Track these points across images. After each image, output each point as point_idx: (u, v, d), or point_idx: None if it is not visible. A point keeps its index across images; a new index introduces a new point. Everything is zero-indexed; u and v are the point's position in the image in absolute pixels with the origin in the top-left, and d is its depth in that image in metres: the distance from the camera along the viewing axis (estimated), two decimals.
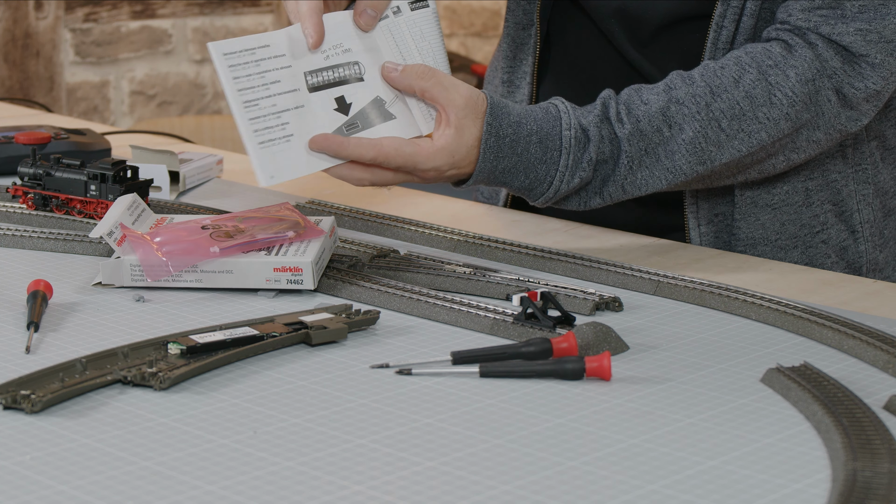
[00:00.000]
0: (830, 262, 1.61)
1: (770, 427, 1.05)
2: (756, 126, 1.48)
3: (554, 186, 1.46)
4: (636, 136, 1.47)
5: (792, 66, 1.48)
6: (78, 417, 1.04)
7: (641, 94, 1.49)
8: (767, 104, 1.48)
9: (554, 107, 1.47)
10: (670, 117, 1.47)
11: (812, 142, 1.52)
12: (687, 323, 1.29)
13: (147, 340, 1.16)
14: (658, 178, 1.48)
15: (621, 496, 0.93)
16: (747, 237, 1.59)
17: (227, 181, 1.79)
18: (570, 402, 1.09)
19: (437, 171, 1.41)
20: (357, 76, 1.41)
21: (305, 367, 1.16)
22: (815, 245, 1.60)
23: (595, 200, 1.49)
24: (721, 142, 1.48)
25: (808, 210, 1.59)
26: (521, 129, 1.44)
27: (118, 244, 1.34)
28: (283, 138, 1.37)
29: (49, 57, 3.69)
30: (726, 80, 1.48)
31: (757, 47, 1.50)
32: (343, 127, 1.40)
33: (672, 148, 1.47)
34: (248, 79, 1.38)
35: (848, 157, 1.60)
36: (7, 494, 0.91)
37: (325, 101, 1.40)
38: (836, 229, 1.61)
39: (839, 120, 1.51)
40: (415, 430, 1.03)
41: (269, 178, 1.36)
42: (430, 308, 1.28)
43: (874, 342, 1.19)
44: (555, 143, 1.45)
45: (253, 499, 0.92)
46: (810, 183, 1.59)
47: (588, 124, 1.46)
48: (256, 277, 1.33)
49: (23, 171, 1.58)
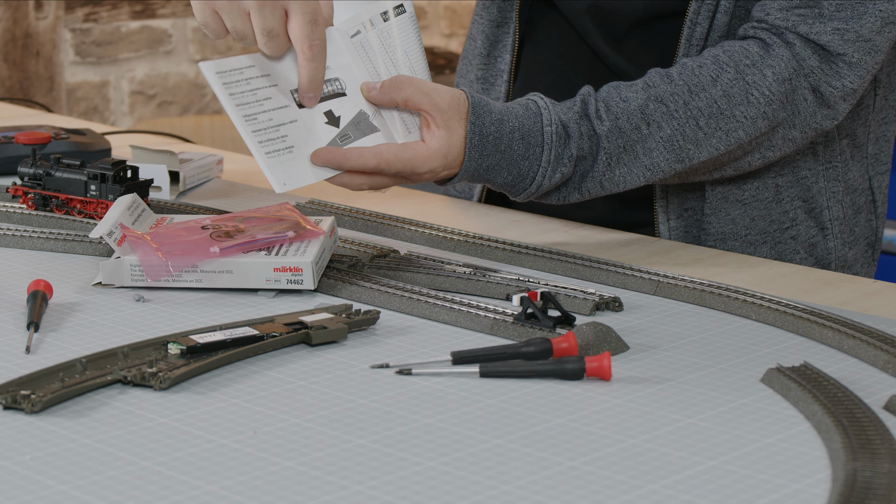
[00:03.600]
0: (799, 258, 1.62)
1: (770, 427, 1.05)
2: (734, 125, 1.49)
3: (536, 182, 1.46)
4: (615, 133, 1.47)
5: (769, 66, 1.49)
6: (78, 417, 1.04)
7: (620, 91, 1.49)
8: (745, 103, 1.49)
9: (533, 103, 1.47)
10: (649, 115, 1.48)
11: (788, 140, 1.53)
12: (687, 323, 1.29)
13: (147, 340, 1.16)
14: (636, 175, 1.49)
15: (621, 496, 0.93)
16: (717, 232, 1.60)
17: (227, 181, 1.79)
18: (570, 402, 1.09)
19: (432, 173, 1.42)
20: (339, 91, 1.42)
21: (305, 367, 1.16)
22: (784, 241, 1.61)
23: (574, 196, 1.50)
24: (699, 140, 1.49)
25: (778, 206, 1.60)
26: (503, 126, 1.44)
27: (118, 244, 1.34)
28: (286, 149, 1.39)
29: (49, 57, 3.69)
30: (704, 79, 1.49)
31: (735, 45, 1.51)
32: (337, 138, 1.41)
33: (650, 145, 1.48)
34: (242, 95, 1.39)
35: (819, 154, 1.61)
36: (7, 494, 0.91)
37: (315, 116, 1.41)
38: (806, 226, 1.61)
39: (815, 118, 1.52)
40: (415, 430, 1.03)
41: (283, 185, 1.37)
42: (430, 308, 1.28)
43: (874, 342, 1.19)
44: (536, 139, 1.45)
45: (253, 499, 0.92)
46: (780, 179, 1.60)
47: (568, 120, 1.46)
48: (256, 277, 1.33)
49: (23, 171, 1.58)
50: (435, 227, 1.54)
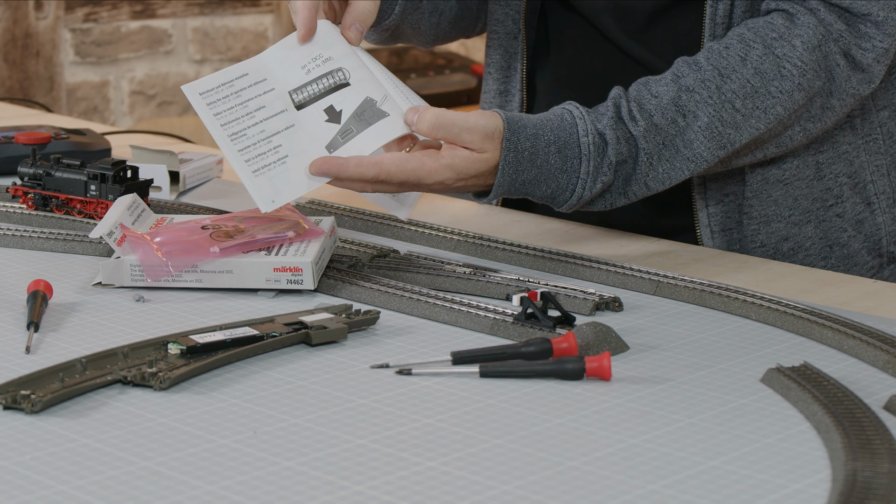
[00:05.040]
0: (847, 237, 1.59)
1: (770, 427, 1.05)
2: (770, 101, 1.47)
3: (577, 194, 1.44)
4: (651, 131, 1.46)
5: (797, 36, 1.47)
6: (78, 417, 1.04)
7: (650, 87, 1.48)
8: (778, 77, 1.47)
9: (568, 113, 1.45)
10: (683, 106, 1.46)
11: (827, 109, 1.51)
12: (687, 323, 1.29)
13: (147, 340, 1.16)
14: (679, 170, 1.47)
15: (621, 496, 0.93)
16: (760, 215, 1.57)
17: (227, 181, 1.79)
18: (570, 402, 1.09)
19: (442, 185, 1.40)
20: (343, 81, 1.41)
21: (305, 367, 1.16)
22: (830, 219, 1.59)
23: (620, 200, 1.48)
24: (738, 122, 1.47)
25: (820, 184, 1.58)
26: (538, 140, 1.42)
27: (118, 244, 1.34)
28: (279, 161, 1.36)
29: (49, 57, 3.69)
30: (733, 60, 1.47)
31: (759, 21, 1.49)
32: (338, 136, 1.39)
33: (689, 137, 1.46)
34: (230, 111, 1.38)
35: (857, 127, 1.59)
36: (7, 494, 0.91)
37: (314, 116, 1.39)
38: (852, 202, 1.59)
39: (850, 84, 1.50)
40: (415, 430, 1.03)
41: (270, 202, 1.35)
42: (430, 308, 1.28)
43: (874, 342, 1.19)
44: (574, 150, 1.43)
45: (253, 499, 0.92)
46: (821, 156, 1.58)
47: (603, 128, 1.44)
48: (256, 277, 1.33)
49: (23, 171, 1.58)
50: (435, 227, 1.54)
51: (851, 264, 1.60)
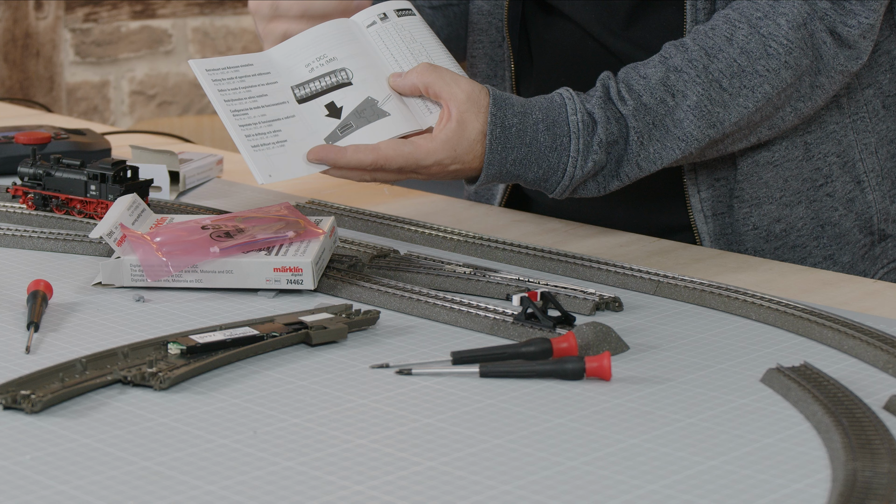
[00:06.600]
0: (838, 216, 1.60)
1: (770, 427, 1.05)
2: (757, 80, 1.48)
3: (568, 173, 1.45)
4: (641, 110, 1.46)
5: (781, 14, 1.48)
6: (78, 417, 1.04)
7: (638, 69, 1.49)
8: (764, 56, 1.47)
9: (559, 94, 1.46)
10: (671, 86, 1.47)
11: (816, 87, 1.51)
12: (687, 323, 1.29)
13: (147, 340, 1.16)
14: (670, 149, 1.47)
15: (621, 496, 0.93)
16: (751, 197, 1.58)
17: (227, 181, 1.79)
18: (570, 402, 1.09)
19: (439, 166, 1.41)
20: (346, 80, 1.42)
21: (305, 367, 1.16)
22: (820, 199, 1.59)
23: (613, 183, 1.48)
24: (726, 101, 1.47)
25: (810, 164, 1.58)
26: (526, 118, 1.43)
27: (118, 244, 1.34)
28: (277, 143, 1.38)
29: (49, 57, 3.69)
30: (719, 40, 1.48)
31: (743, 2, 1.50)
32: (337, 130, 1.40)
33: (679, 116, 1.47)
34: (233, 92, 1.40)
35: (843, 106, 1.60)
36: (7, 494, 0.91)
37: (315, 110, 1.41)
38: (842, 181, 1.59)
39: (838, 61, 1.51)
40: (415, 430, 1.03)
41: (267, 176, 1.37)
42: (430, 308, 1.28)
43: (874, 342, 1.19)
44: (563, 129, 1.44)
45: (253, 499, 0.92)
46: (809, 136, 1.58)
47: (592, 107, 1.45)
48: (256, 277, 1.33)
49: (23, 171, 1.58)
50: (435, 227, 1.54)
51: (843, 243, 1.60)
